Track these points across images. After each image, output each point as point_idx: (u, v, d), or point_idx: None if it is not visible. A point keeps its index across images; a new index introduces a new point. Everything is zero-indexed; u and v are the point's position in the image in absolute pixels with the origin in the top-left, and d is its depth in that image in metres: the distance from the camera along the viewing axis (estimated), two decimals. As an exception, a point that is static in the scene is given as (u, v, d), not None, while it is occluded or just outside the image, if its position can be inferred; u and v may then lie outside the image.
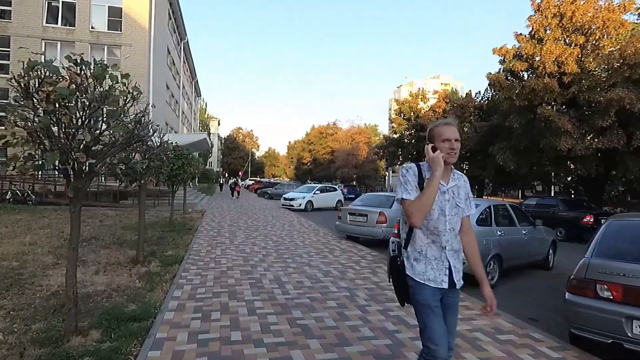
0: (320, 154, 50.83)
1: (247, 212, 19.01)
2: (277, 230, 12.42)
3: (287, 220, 15.81)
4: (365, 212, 10.41)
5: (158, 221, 13.86)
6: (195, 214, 17.07)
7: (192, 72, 48.79)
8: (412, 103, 27.19)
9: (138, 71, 21.97)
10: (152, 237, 10.41)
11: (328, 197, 23.18)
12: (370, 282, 6.42)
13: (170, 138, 16.68)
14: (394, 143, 27.48)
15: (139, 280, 6.25)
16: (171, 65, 31.60)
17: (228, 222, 14.22)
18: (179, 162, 11.79)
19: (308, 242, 10.25)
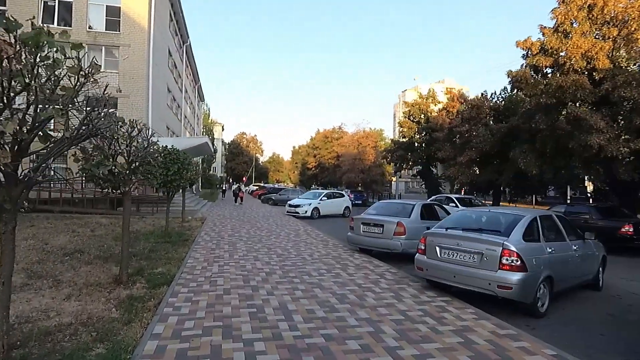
0: (325, 158, 49.70)
1: (249, 220, 17.94)
2: (282, 241, 11.32)
3: (293, 229, 14.72)
4: (381, 223, 9.30)
5: (154, 230, 12.82)
6: (195, 222, 16.02)
7: (195, 76, 48.02)
8: (422, 105, 26.13)
9: (137, 72, 21.13)
10: (144, 249, 9.35)
11: (335, 203, 22.08)
12: (396, 310, 5.30)
13: (169, 142, 15.81)
14: (402, 147, 26.37)
15: (117, 307, 5.18)
16: (173, 68, 30.76)
17: (229, 232, 13.15)
18: (175, 167, 10.75)
19: (317, 256, 9.14)
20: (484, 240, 5.68)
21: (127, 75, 21.01)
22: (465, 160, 19.39)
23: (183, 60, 36.41)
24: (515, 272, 5.33)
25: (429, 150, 25.16)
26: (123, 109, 20.98)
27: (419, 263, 6.42)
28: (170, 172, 10.61)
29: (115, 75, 20.96)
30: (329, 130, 52.77)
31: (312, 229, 14.94)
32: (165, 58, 26.98)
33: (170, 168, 10.61)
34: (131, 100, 21.08)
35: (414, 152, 25.63)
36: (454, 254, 5.93)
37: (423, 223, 9.61)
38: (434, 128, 25.51)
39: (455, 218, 6.86)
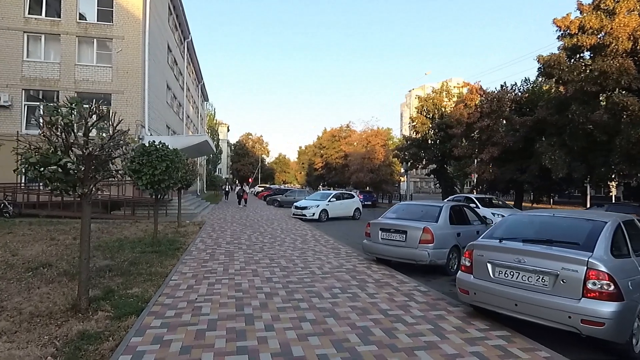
0: (332, 158, 48.09)
1: (252, 223, 16.51)
2: (286, 250, 9.87)
3: (299, 234, 13.27)
4: (404, 229, 7.80)
5: (144, 237, 11.46)
6: (192, 226, 14.63)
7: (198, 75, 46.82)
8: (436, 99, 24.56)
9: (131, 66, 19.84)
10: (124, 262, 7.95)
11: (345, 204, 20.59)
12: (441, 355, 3.82)
13: (166, 140, 14.44)
14: (415, 144, 24.79)
15: (58, 354, 3.77)
16: (173, 64, 29.50)
17: (228, 238, 11.72)
18: (163, 165, 9.34)
19: (328, 269, 7.67)
20: (558, 256, 4.19)
21: (121, 69, 19.72)
22: (487, 157, 17.81)
23: (184, 57, 35.17)
24: (607, 301, 3.84)
25: (444, 147, 23.57)
26: (117, 106, 19.69)
27: (463, 284, 4.93)
28: (158, 171, 9.20)
29: (108, 69, 19.69)
30: (337, 129, 51.15)
31: (320, 233, 13.48)
32: (164, 53, 25.70)
33: (157, 167, 9.20)
34: (126, 97, 19.79)
35: (428, 149, 24.04)
36: (513, 274, 4.44)
37: (453, 228, 8.14)
38: (448, 124, 23.90)
39: (509, 225, 5.32)
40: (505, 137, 17.85)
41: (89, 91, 19.45)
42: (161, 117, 25.18)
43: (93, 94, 19.60)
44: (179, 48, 32.72)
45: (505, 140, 17.72)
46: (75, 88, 19.23)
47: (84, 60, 19.67)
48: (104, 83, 19.62)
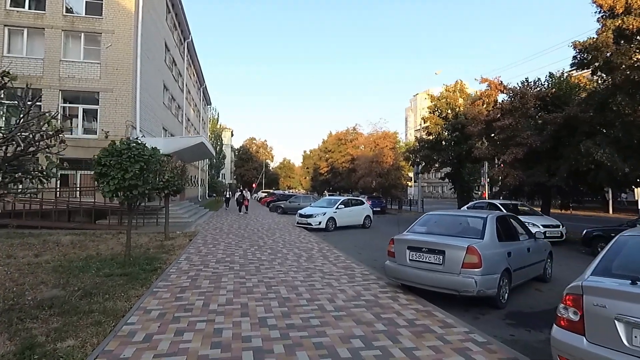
0: (339, 162, 46.18)
1: (251, 234, 14.71)
2: (288, 271, 8.03)
3: (304, 247, 11.43)
4: (441, 248, 5.95)
5: (121, 253, 9.69)
6: (182, 239, 12.85)
7: (200, 77, 45.38)
8: (450, 98, 22.73)
9: (122, 63, 18.23)
10: (77, 291, 6.16)
11: (354, 212, 18.73)
12: None
13: (159, 143, 12.78)
14: (428, 146, 22.92)
15: None
16: (171, 64, 27.94)
17: (219, 255, 9.90)
18: (136, 167, 7.57)
19: (342, 302, 5.83)
20: None
21: (110, 66, 18.11)
22: (510, 158, 15.89)
23: (184, 58, 33.67)
24: None
25: (459, 149, 21.69)
26: (105, 105, 18.12)
27: (568, 351, 3.06)
28: (129, 174, 7.44)
29: (96, 66, 18.08)
30: (343, 132, 49.26)
31: (329, 247, 11.63)
32: (161, 52, 24.13)
33: (128, 169, 7.45)
34: (115, 95, 18.15)
35: (442, 151, 22.14)
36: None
37: (502, 246, 6.30)
38: (464, 124, 22.03)
39: (631, 250, 3.45)
40: (531, 137, 15.95)
41: (75, 89, 17.86)
42: (157, 119, 23.56)
43: (79, 92, 18.01)
44: (179, 48, 31.22)
45: (531, 140, 15.81)
46: (60, 86, 17.64)
47: (71, 56, 18.09)
48: (91, 80, 18.01)
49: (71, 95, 18.24)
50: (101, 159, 7.47)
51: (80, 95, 18.23)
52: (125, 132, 18.28)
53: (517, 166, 16.50)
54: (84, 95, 18.19)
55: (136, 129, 18.86)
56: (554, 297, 6.80)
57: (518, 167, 16.52)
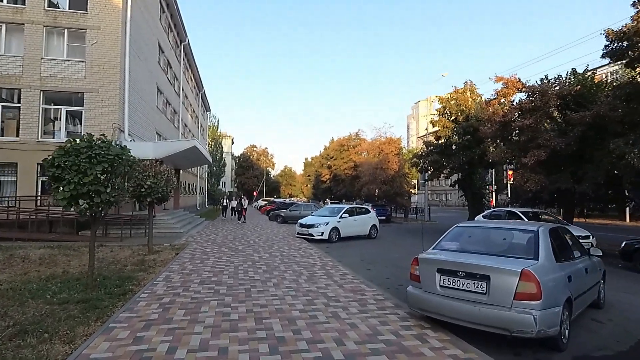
0: (341, 169, 44.71)
1: (246, 247, 13.27)
2: (285, 296, 6.59)
3: (305, 263, 9.97)
4: (484, 271, 4.51)
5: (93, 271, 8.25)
6: (167, 252, 11.42)
7: (198, 83, 44.26)
8: (460, 99, 21.39)
9: (108, 61, 16.96)
10: (11, 327, 4.74)
11: (359, 221, 17.27)
12: None
13: (147, 147, 11.50)
14: (437, 150, 21.52)
15: None
16: (166, 67, 26.73)
17: (205, 273, 8.45)
18: (97, 170, 6.18)
19: (353, 346, 4.36)
20: None
21: (95, 64, 16.84)
22: (532, 161, 14.48)
23: (181, 62, 32.53)
24: None
25: (471, 153, 20.28)
26: (90, 107, 16.81)
27: None
28: (88, 177, 6.05)
29: (81, 64, 16.80)
30: (345, 138, 47.82)
31: (332, 262, 10.18)
32: (153, 53, 22.92)
33: (87, 172, 6.07)
34: (101, 96, 16.85)
35: (452, 156, 20.72)
36: None
37: (561, 269, 4.85)
38: (475, 126, 20.64)
39: None
40: (554, 139, 14.57)
41: (57, 89, 16.56)
42: (149, 123, 22.26)
43: (62, 92, 16.71)
44: (174, 50, 30.07)
45: (555, 141, 14.44)
46: (41, 85, 16.36)
47: (53, 53, 16.83)
48: (75, 80, 16.72)
49: (53, 95, 16.96)
50: (55, 160, 6.08)
51: (64, 96, 16.93)
52: (112, 136, 16.94)
53: (538, 170, 15.08)
54: (67, 96, 16.90)
55: (124, 132, 17.54)
56: (620, 331, 5.35)
57: (540, 171, 15.09)
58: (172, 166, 25.65)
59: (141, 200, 10.78)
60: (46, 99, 16.80)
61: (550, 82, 16.42)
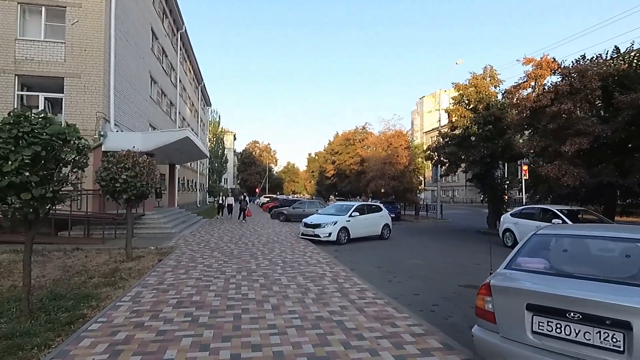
0: (346, 164, 42.78)
1: (243, 251, 11.51)
2: (287, 326, 4.82)
3: (312, 273, 8.19)
4: (619, 313, 2.69)
5: (44, 284, 6.58)
6: (149, 259, 9.67)
7: (198, 75, 42.50)
8: (480, 86, 19.49)
9: (91, 43, 15.21)
10: None
11: (370, 220, 15.47)
12: None
13: (136, 137, 9.84)
14: (454, 142, 19.66)
15: None
16: (161, 55, 24.96)
17: (185, 291, 6.67)
18: (26, 154, 4.40)
19: None
20: None
21: (77, 46, 15.09)
22: (573, 150, 12.61)
23: (177, 51, 30.76)
24: None
25: (492, 145, 18.40)
26: (71, 93, 15.08)
27: None
28: (13, 164, 4.31)
29: (60, 46, 15.05)
30: (351, 132, 45.82)
31: (345, 271, 8.40)
32: (145, 38, 21.16)
33: (10, 156, 4.32)
34: (83, 81, 15.11)
35: (471, 148, 18.85)
36: None
37: None
38: (498, 115, 18.77)
39: None
40: (596, 125, 12.71)
41: (34, 73, 14.81)
42: (141, 114, 20.54)
43: (40, 77, 14.97)
44: (170, 38, 28.29)
45: (599, 128, 12.59)
46: (16, 69, 14.63)
47: (29, 34, 15.09)
48: (54, 64, 14.97)
49: (30, 81, 15.23)
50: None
51: (41, 82, 15.20)
52: (95, 126, 15.25)
53: (577, 162, 13.21)
54: (45, 81, 15.15)
55: (110, 122, 15.81)
56: None
57: (579, 163, 13.23)
58: (167, 161, 24.10)
59: (116, 198, 9.03)
60: (21, 85, 15.08)
61: (587, 62, 14.50)
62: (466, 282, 8.05)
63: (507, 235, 14.23)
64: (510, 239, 14.02)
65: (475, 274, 8.83)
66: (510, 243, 13.93)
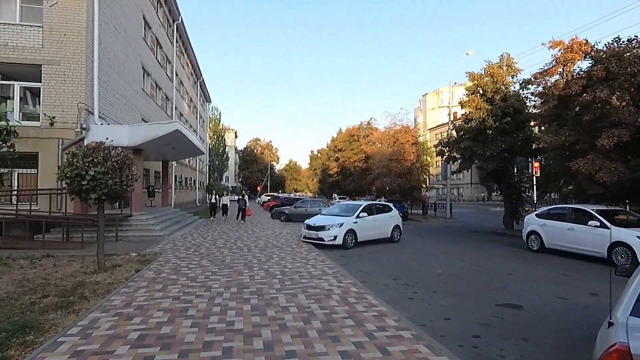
0: (350, 161, 41.23)
1: (237, 258, 10.11)
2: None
3: (317, 291, 6.76)
4: None
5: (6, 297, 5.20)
6: (126, 268, 8.28)
7: (196, 70, 41.07)
8: (497, 75, 18.00)
9: (72, 27, 13.87)
10: None
11: (379, 221, 14.04)
12: None
13: (122, 131, 8.40)
14: (470, 136, 18.14)
15: None
16: (154, 45, 23.56)
17: (155, 318, 5.24)
18: None
19: None
20: None
21: (56, 31, 13.71)
22: (612, 143, 11.14)
23: (174, 43, 29.32)
24: None
25: (511, 139, 16.91)
26: (50, 82, 13.71)
27: None
28: None
29: (38, 30, 13.67)
30: (355, 127, 44.17)
31: (356, 288, 6.95)
32: (136, 26, 19.76)
33: None
34: (63, 69, 13.74)
35: (488, 142, 17.36)
36: None
37: None
38: (517, 107, 17.28)
39: None
40: (636, 114, 11.25)
41: (8, 60, 13.42)
42: (133, 107, 19.17)
43: (14, 64, 13.59)
44: (165, 29, 26.87)
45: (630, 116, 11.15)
46: None
47: (2, 16, 13.71)
48: (31, 49, 13.59)
49: (4, 68, 13.87)
50: None
51: (17, 69, 13.83)
52: (77, 118, 13.87)
53: (613, 157, 11.75)
54: (21, 68, 13.78)
55: (94, 114, 14.43)
56: None
57: (615, 157, 11.76)
58: (160, 157, 22.71)
59: (83, 198, 7.63)
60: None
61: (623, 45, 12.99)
62: (504, 299, 6.61)
63: (532, 239, 12.77)
64: (536, 243, 12.56)
65: (512, 289, 7.40)
66: (536, 247, 12.48)
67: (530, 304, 6.39)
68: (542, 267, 9.71)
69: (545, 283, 7.93)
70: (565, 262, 10.48)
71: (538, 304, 6.42)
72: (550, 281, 8.12)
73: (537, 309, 6.10)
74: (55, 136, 13.65)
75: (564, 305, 6.36)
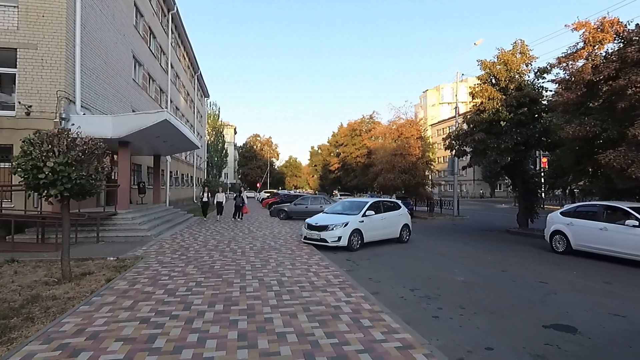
0: (352, 156, 39.95)
1: (228, 263, 8.90)
2: None
3: (321, 309, 5.54)
4: None
5: None
6: (95, 277, 7.07)
7: (194, 63, 39.73)
8: (511, 62, 16.73)
9: (50, 7, 12.67)
10: None
11: (387, 220, 12.82)
12: None
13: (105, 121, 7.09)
14: (483, 128, 16.85)
15: None
16: (146, 34, 22.29)
17: (111, 353, 4.05)
18: None
19: None
20: None
21: (32, 11, 12.48)
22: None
23: (169, 33, 28.02)
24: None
25: (527, 130, 15.65)
26: (26, 68, 12.49)
27: None
28: None
29: (12, 10, 12.44)
30: (357, 122, 42.82)
31: (369, 304, 5.73)
32: (127, 12, 18.50)
33: None
34: (40, 53, 12.50)
35: (503, 135, 16.10)
36: None
37: None
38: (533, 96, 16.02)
39: None
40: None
41: None
42: (122, 98, 17.93)
43: (-14, 48, 12.36)
44: (159, 18, 25.56)
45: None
46: None
47: (-27, -4, 12.47)
48: (5, 32, 12.38)
49: (-26, 53, 12.63)
50: None
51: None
52: (56, 107, 12.64)
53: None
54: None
55: (75, 103, 13.20)
56: None
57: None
58: (151, 151, 21.47)
59: (42, 194, 6.40)
60: (-36, 57, 12.49)
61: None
62: (551, 319, 5.39)
63: (556, 239, 11.53)
64: (561, 244, 11.33)
65: (554, 302, 6.18)
66: (562, 248, 11.25)
67: (584, 324, 5.17)
68: (577, 274, 8.49)
69: (591, 295, 6.70)
70: (600, 267, 9.26)
71: (593, 324, 5.20)
72: (596, 292, 6.89)
73: (596, 333, 4.89)
74: (32, 127, 12.32)
75: (625, 326, 5.15)
